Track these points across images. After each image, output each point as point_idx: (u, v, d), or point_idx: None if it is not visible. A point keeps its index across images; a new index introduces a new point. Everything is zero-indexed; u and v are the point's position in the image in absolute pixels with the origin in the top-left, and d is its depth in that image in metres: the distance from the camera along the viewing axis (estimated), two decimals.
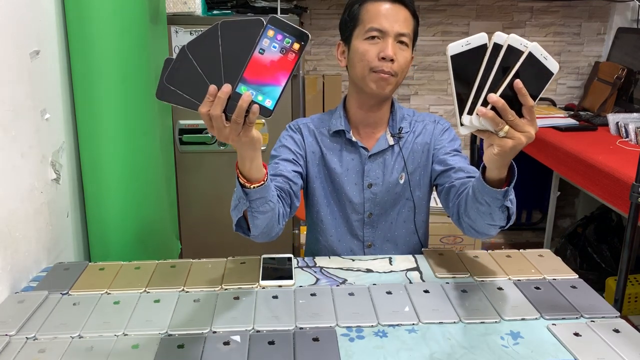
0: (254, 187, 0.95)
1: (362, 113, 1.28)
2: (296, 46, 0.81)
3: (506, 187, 0.95)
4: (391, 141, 1.28)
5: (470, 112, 0.85)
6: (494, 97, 0.83)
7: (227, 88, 0.81)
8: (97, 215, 1.40)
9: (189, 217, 2.05)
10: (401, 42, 1.18)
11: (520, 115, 0.85)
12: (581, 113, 2.70)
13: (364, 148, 1.28)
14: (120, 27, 1.34)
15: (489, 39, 0.85)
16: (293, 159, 1.26)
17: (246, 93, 0.81)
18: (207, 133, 1.95)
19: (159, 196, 1.60)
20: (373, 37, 1.18)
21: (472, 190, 1.02)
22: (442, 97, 3.02)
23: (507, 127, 0.84)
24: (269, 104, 0.82)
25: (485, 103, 0.84)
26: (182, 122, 1.96)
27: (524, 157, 2.38)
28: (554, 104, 2.99)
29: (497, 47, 0.84)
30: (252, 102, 0.81)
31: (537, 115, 0.86)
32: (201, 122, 2.08)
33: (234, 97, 0.81)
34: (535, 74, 0.84)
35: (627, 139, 2.27)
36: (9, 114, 1.12)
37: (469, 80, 0.85)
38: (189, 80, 0.82)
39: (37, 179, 1.22)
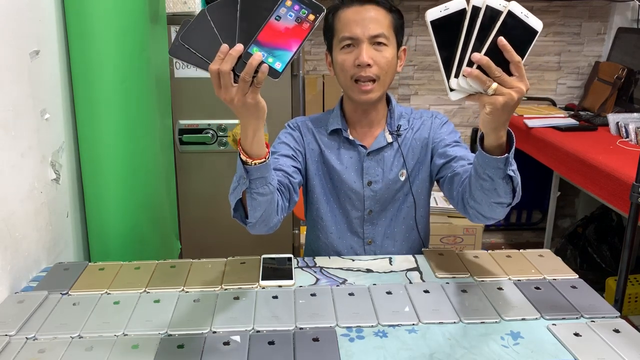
0: (255, 164, 0.94)
1: (358, 115, 1.29)
2: (311, 17, 0.84)
3: (506, 154, 0.94)
4: (389, 139, 1.28)
5: (457, 76, 0.86)
6: (478, 56, 0.84)
7: (239, 47, 0.83)
8: (97, 215, 1.40)
9: (189, 217, 2.05)
10: (378, 44, 1.18)
11: (509, 74, 0.86)
12: (581, 113, 2.70)
13: (362, 146, 1.28)
14: (120, 27, 1.34)
15: (468, 2, 0.85)
16: (292, 154, 1.27)
17: (257, 53, 0.83)
18: (207, 133, 1.95)
19: (159, 196, 1.60)
20: (348, 46, 1.19)
21: (474, 168, 1.01)
22: (442, 97, 3.02)
23: (495, 85, 0.85)
24: (278, 66, 0.84)
25: (470, 64, 0.85)
26: (182, 122, 1.96)
27: (524, 157, 2.39)
28: (554, 104, 2.99)
29: (476, 10, 0.84)
30: (262, 63, 0.83)
31: (537, 115, 0.86)
32: (201, 122, 2.08)
33: (245, 57, 0.83)
34: (519, 33, 0.84)
35: (627, 139, 2.27)
36: (9, 114, 1.12)
37: (452, 44, 0.86)
38: (204, 40, 0.85)
39: (37, 179, 1.22)
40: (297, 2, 0.84)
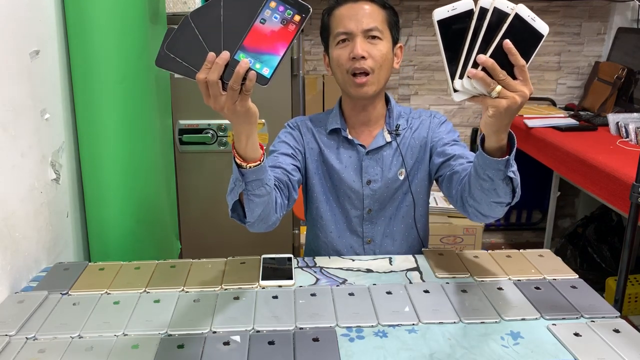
0: (250, 167, 0.95)
1: (356, 113, 1.29)
2: (297, 18, 0.82)
3: (507, 157, 0.94)
4: (388, 138, 1.29)
5: (461, 77, 0.86)
6: (483, 57, 0.83)
7: (225, 55, 0.81)
8: (96, 215, 1.40)
9: (189, 217, 2.05)
10: (372, 37, 1.20)
11: (514, 77, 0.85)
12: (581, 113, 2.70)
13: (361, 145, 1.29)
14: (120, 27, 1.34)
15: (475, 3, 0.85)
16: (292, 153, 1.27)
17: (244, 60, 0.81)
18: (207, 133, 1.95)
19: (159, 196, 1.60)
20: (343, 41, 1.21)
21: (473, 168, 1.01)
22: (442, 97, 3.02)
23: (499, 87, 0.85)
24: (266, 72, 0.83)
25: (475, 66, 0.85)
26: (182, 122, 1.96)
27: (524, 157, 2.39)
28: (554, 104, 2.99)
29: (483, 11, 0.84)
30: (250, 70, 0.82)
31: (537, 115, 0.86)
32: (202, 122, 2.08)
33: (232, 64, 0.82)
34: (525, 37, 0.84)
35: (627, 139, 2.27)
36: (9, 114, 1.12)
37: (458, 44, 0.85)
38: (189, 48, 0.83)
39: (37, 179, 1.22)
40: (282, 3, 0.82)
